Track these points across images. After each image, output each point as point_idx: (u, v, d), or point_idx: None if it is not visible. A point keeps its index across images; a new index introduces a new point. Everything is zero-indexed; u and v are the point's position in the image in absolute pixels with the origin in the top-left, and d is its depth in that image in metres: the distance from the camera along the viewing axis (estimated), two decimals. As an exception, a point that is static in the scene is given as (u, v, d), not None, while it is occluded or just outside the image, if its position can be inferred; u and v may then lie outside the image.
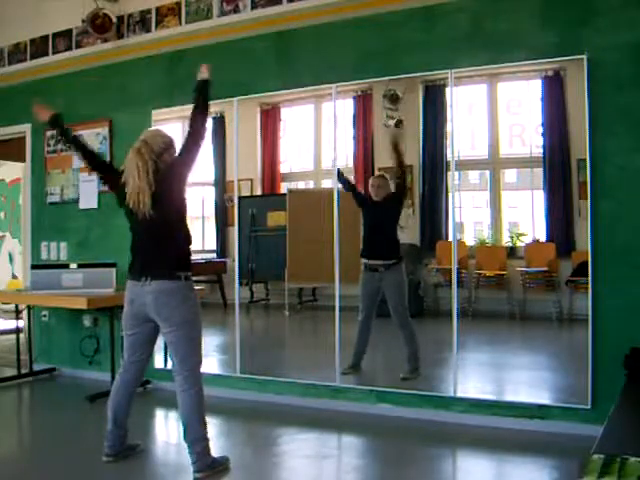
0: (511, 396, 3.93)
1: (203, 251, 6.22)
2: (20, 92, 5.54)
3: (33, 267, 4.96)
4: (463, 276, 4.86)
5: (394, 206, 4.52)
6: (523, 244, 5.19)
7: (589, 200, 3.42)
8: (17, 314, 5.07)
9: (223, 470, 2.99)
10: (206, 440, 2.93)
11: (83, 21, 4.90)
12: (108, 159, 4.99)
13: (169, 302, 2.87)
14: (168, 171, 2.92)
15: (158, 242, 2.93)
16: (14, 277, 8.12)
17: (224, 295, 5.64)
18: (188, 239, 3.07)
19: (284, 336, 5.84)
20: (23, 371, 5.06)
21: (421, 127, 5.35)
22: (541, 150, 5.03)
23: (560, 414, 3.48)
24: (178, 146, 3.03)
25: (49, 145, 5.39)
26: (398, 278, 4.34)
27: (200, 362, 3.00)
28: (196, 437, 2.89)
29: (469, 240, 5.45)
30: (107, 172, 3.17)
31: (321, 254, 4.41)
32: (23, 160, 5.72)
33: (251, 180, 5.95)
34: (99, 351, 5.00)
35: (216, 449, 3.07)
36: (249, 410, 4.14)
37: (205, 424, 2.94)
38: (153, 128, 3.09)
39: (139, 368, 3.10)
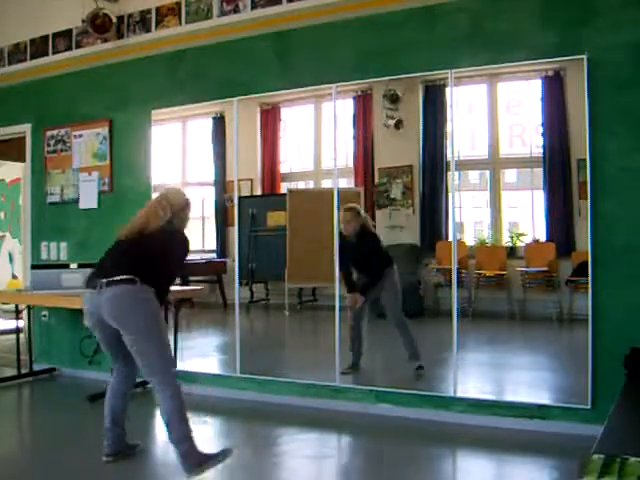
0: (511, 396, 3.93)
1: (203, 251, 6.22)
2: (20, 92, 5.55)
3: (33, 267, 4.96)
4: (463, 276, 4.86)
5: (366, 242, 4.43)
6: (523, 244, 5.19)
7: (589, 200, 3.42)
8: (17, 314, 5.07)
9: (217, 463, 2.92)
10: (190, 439, 2.85)
11: (83, 21, 4.90)
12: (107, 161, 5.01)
13: (122, 307, 2.82)
14: (170, 241, 3.00)
15: (125, 257, 2.95)
16: (14, 277, 8.11)
17: (224, 295, 5.64)
18: (165, 278, 3.01)
19: (284, 336, 5.84)
20: (23, 371, 5.06)
21: (421, 127, 5.35)
22: (541, 150, 5.02)
23: (560, 414, 3.48)
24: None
25: (49, 145, 5.39)
26: (391, 283, 4.41)
27: (170, 363, 2.96)
28: (179, 437, 2.83)
29: (469, 240, 5.45)
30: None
31: (321, 254, 4.41)
32: (23, 160, 5.72)
33: (251, 180, 5.95)
34: (99, 351, 4.99)
35: (216, 449, 3.07)
36: (249, 410, 4.14)
37: (187, 423, 2.85)
38: (176, 188, 3.32)
39: (128, 369, 3.07)
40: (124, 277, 2.82)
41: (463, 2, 3.79)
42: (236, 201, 4.58)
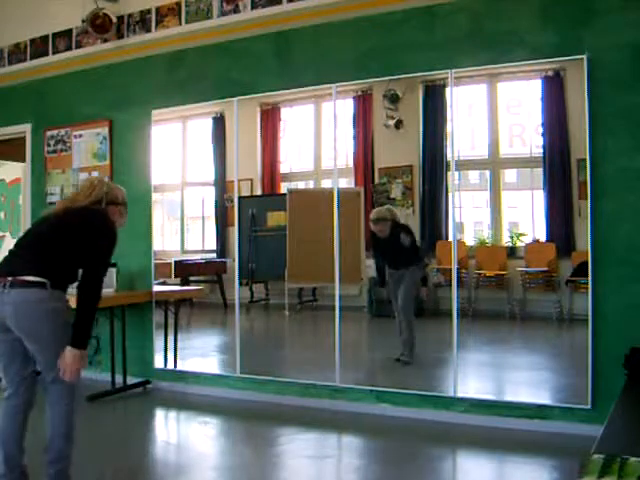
0: (511, 396, 3.93)
1: (203, 251, 6.22)
2: (20, 92, 5.55)
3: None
4: (463, 276, 4.85)
5: (400, 236, 4.66)
6: (523, 244, 5.18)
7: (589, 200, 3.42)
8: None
9: None
10: (67, 460, 2.50)
11: (83, 21, 4.90)
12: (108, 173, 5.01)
13: (31, 315, 2.38)
14: (90, 226, 2.57)
15: (39, 247, 2.50)
16: (14, 277, 8.10)
17: (224, 295, 5.64)
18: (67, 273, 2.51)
19: (284, 336, 5.84)
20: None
21: (421, 127, 5.34)
22: (541, 150, 5.01)
23: (560, 414, 3.48)
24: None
25: (49, 145, 5.39)
26: (412, 277, 4.62)
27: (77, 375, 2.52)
28: (56, 456, 2.47)
29: (469, 240, 5.44)
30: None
31: (321, 254, 4.41)
32: (23, 160, 5.72)
33: (251, 180, 5.95)
34: (99, 351, 5.00)
35: (216, 449, 3.07)
36: (249, 410, 4.14)
37: (71, 443, 2.51)
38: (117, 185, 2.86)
39: (27, 387, 2.52)
40: (33, 279, 2.38)
41: (463, 2, 3.79)
42: (236, 201, 4.58)
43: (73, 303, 2.44)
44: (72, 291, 2.46)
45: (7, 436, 2.46)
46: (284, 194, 5.84)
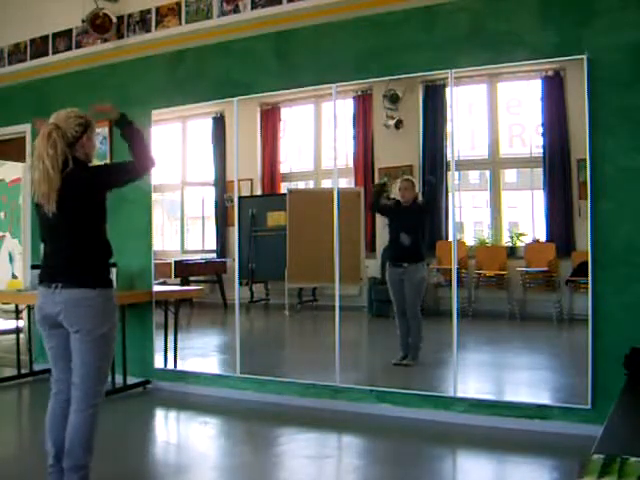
0: (511, 396, 3.93)
1: (203, 251, 6.22)
2: (20, 92, 5.54)
3: (33, 267, 4.95)
4: (463, 276, 4.86)
5: (421, 210, 4.73)
6: (523, 244, 5.19)
7: (589, 200, 3.42)
8: (17, 314, 5.07)
9: None
10: (86, 469, 2.48)
11: (83, 21, 4.90)
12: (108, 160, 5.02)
13: (82, 313, 2.43)
14: (84, 174, 2.57)
15: (68, 245, 2.50)
16: (14, 277, 8.10)
17: (224, 295, 5.64)
18: (103, 249, 2.59)
19: (284, 336, 5.84)
20: (23, 371, 5.05)
21: (421, 127, 5.34)
22: (541, 150, 5.02)
23: (560, 414, 3.47)
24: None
25: (49, 145, 5.38)
26: (420, 276, 4.58)
27: (105, 380, 2.58)
28: (76, 465, 2.45)
29: (469, 240, 5.45)
30: None
31: (321, 254, 4.41)
32: (23, 160, 5.71)
33: (251, 180, 5.95)
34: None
35: (216, 449, 3.07)
36: (249, 410, 4.14)
37: (91, 452, 2.49)
38: (66, 109, 2.65)
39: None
40: (81, 279, 2.46)
41: (463, 2, 3.79)
42: (236, 201, 4.58)
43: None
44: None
45: (57, 430, 2.51)
46: (284, 194, 5.85)
